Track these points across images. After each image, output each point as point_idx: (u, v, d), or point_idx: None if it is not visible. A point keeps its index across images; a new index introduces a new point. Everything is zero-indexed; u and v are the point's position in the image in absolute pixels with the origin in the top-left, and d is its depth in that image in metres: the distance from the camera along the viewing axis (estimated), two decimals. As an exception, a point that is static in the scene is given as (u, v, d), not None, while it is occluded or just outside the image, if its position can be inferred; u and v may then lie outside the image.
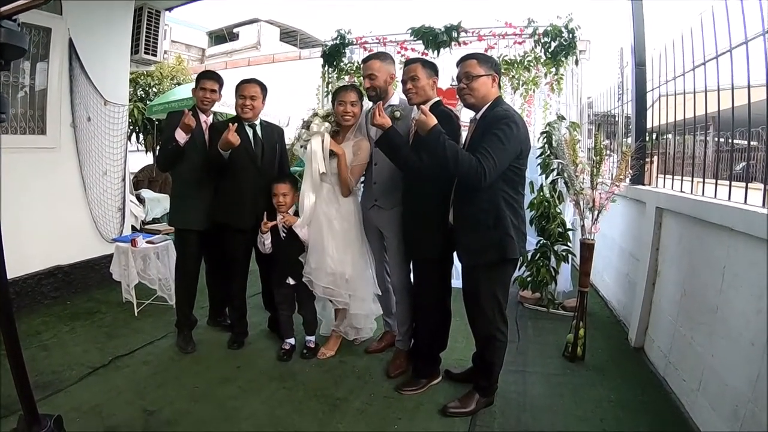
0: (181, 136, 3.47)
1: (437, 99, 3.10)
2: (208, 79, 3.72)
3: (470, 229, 2.79)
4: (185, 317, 3.82)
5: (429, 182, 2.96)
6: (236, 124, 3.45)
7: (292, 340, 3.74)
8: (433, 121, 2.64)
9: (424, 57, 4.30)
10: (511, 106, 3.04)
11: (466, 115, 5.15)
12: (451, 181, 2.93)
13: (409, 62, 3.19)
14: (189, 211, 3.69)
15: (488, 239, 2.73)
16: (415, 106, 3.13)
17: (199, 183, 3.67)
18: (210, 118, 3.80)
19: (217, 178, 3.66)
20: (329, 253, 3.42)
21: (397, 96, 3.42)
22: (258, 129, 3.71)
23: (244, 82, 3.66)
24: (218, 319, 4.22)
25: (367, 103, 3.51)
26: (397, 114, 3.15)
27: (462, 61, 2.86)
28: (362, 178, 3.55)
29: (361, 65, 3.49)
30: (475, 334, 3.02)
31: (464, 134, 3.17)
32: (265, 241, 3.58)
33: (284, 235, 3.56)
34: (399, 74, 3.39)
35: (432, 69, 3.11)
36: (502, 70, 4.78)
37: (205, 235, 3.76)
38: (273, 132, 3.83)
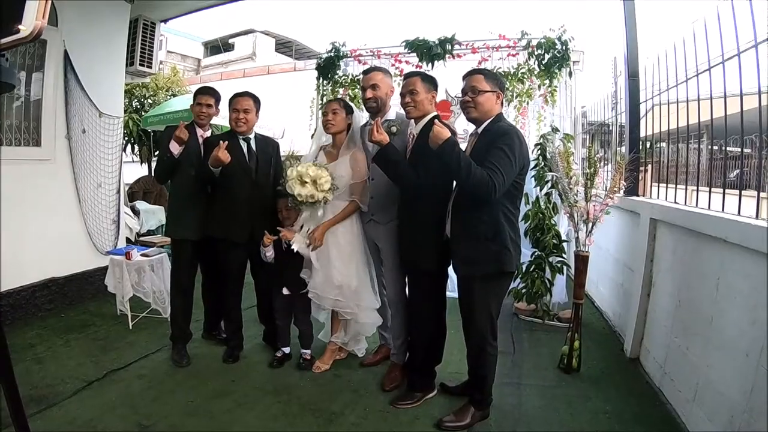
0: (174, 148, 3.52)
1: (435, 114, 3.10)
2: (204, 94, 3.75)
3: (468, 240, 2.79)
4: (180, 330, 3.80)
5: (425, 196, 2.98)
6: (227, 142, 3.45)
7: (287, 349, 3.76)
8: (446, 133, 2.66)
9: (423, 71, 4.24)
10: (511, 122, 3.07)
11: (459, 128, 5.20)
12: (448, 195, 2.94)
13: (408, 75, 3.18)
14: (185, 222, 3.70)
15: (486, 251, 2.73)
16: (412, 121, 3.14)
17: (195, 195, 3.69)
18: (208, 133, 3.82)
19: (213, 190, 3.68)
20: (335, 266, 3.43)
21: (393, 111, 3.44)
22: (252, 142, 3.71)
23: (237, 95, 3.68)
24: (213, 332, 4.20)
25: (360, 117, 3.53)
26: (394, 129, 3.15)
27: (469, 75, 2.90)
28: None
29: (362, 77, 3.48)
30: (468, 346, 3.02)
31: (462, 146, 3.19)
32: (267, 253, 3.60)
33: (286, 247, 3.56)
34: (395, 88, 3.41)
35: (431, 83, 3.11)
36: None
37: (202, 247, 3.76)
38: (268, 145, 3.83)
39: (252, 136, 3.73)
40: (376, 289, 3.62)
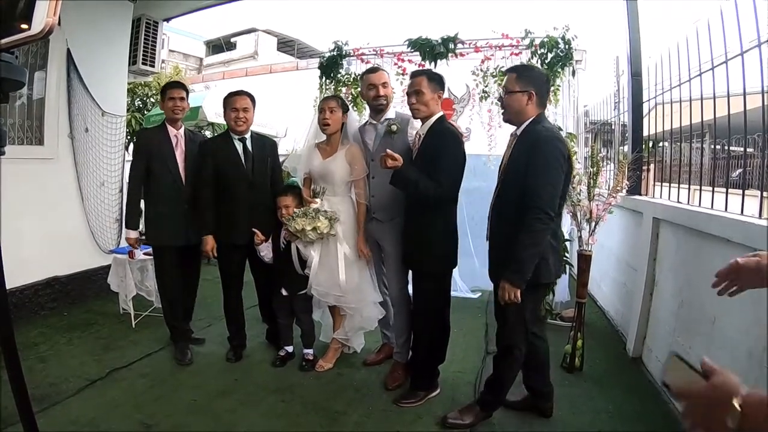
0: None
1: (441, 114, 3.05)
2: (175, 87, 3.71)
3: (506, 248, 2.59)
4: (175, 329, 3.83)
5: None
6: (215, 244, 3.57)
7: (290, 348, 3.77)
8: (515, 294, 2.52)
9: (430, 69, 4.14)
10: (552, 123, 2.95)
11: (462, 126, 5.19)
12: (456, 195, 2.93)
13: (415, 74, 3.12)
14: (163, 228, 3.68)
15: None
16: (412, 119, 3.13)
17: (170, 199, 3.66)
18: (181, 131, 3.75)
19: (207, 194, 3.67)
20: (338, 263, 3.45)
21: (393, 110, 3.45)
22: (248, 142, 3.67)
23: (234, 94, 3.63)
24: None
25: (354, 116, 3.54)
26: (394, 128, 3.13)
27: (506, 74, 2.80)
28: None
29: (369, 75, 3.43)
30: (497, 347, 2.93)
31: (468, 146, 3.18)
32: (261, 252, 3.60)
33: (284, 247, 3.56)
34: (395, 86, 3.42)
35: (438, 82, 3.03)
36: (499, 81, 4.80)
37: (185, 249, 3.75)
38: (264, 144, 3.79)
39: (248, 135, 3.68)
40: (376, 283, 3.63)
